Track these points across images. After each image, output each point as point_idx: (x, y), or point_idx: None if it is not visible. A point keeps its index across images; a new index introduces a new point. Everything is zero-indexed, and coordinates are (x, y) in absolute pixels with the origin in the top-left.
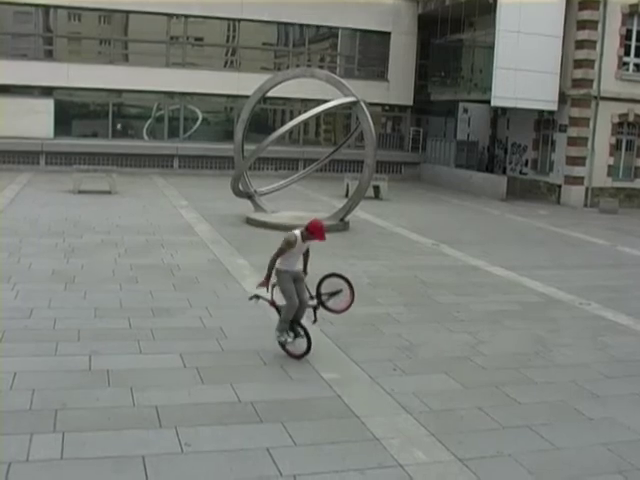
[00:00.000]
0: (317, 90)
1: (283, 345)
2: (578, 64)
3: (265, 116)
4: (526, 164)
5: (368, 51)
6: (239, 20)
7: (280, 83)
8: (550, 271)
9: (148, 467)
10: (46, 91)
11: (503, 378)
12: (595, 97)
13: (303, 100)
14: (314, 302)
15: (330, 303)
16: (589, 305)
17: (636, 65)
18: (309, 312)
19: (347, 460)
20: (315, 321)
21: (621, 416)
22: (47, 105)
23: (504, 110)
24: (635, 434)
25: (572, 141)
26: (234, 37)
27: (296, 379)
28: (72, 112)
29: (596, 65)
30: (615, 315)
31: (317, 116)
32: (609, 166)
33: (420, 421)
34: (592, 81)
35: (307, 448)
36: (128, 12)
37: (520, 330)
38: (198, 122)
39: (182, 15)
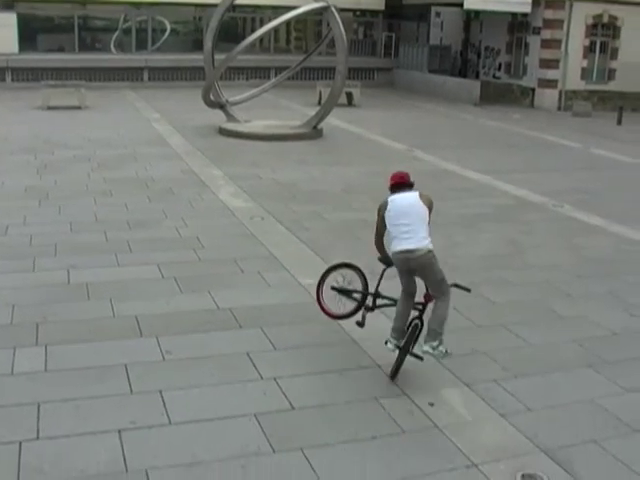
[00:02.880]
0: None
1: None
2: None
3: (235, 25)
4: (499, 68)
5: None
6: None
7: None
8: (524, 174)
9: (131, 375)
10: (8, 4)
11: (477, 279)
12: None
13: (273, 7)
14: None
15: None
16: (562, 207)
17: None
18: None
19: (326, 362)
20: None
21: (592, 314)
22: (10, 19)
23: (477, 13)
24: (604, 330)
25: (546, 44)
26: None
27: (274, 285)
28: (36, 26)
29: None
30: (588, 217)
31: (287, 23)
32: (583, 69)
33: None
34: None
35: (286, 352)
36: None
37: (494, 232)
38: (167, 33)
39: None
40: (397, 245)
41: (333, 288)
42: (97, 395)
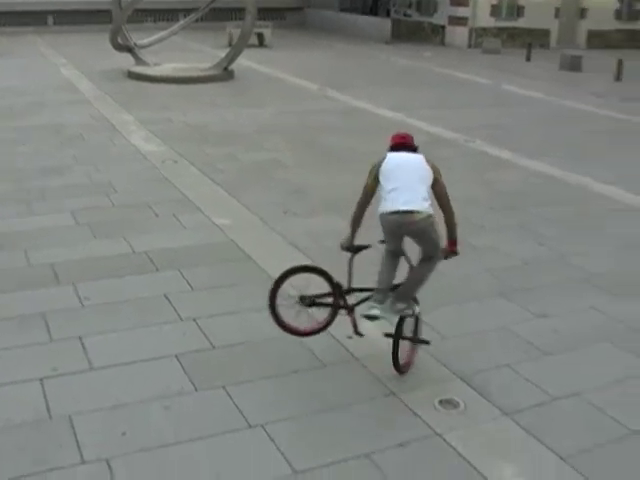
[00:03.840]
0: None
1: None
2: None
3: None
4: (410, 6)
5: None
6: None
7: None
8: (436, 111)
9: (50, 323)
10: None
11: None
12: None
13: None
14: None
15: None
16: (474, 142)
17: None
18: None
19: (244, 301)
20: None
21: (503, 245)
22: None
23: None
24: (515, 260)
25: None
26: None
27: (189, 227)
28: None
29: None
30: (499, 151)
31: None
32: (492, 6)
33: (313, 260)
34: None
35: (204, 292)
36: None
37: None
38: None
39: None
40: (392, 205)
41: (297, 299)
42: (16, 345)
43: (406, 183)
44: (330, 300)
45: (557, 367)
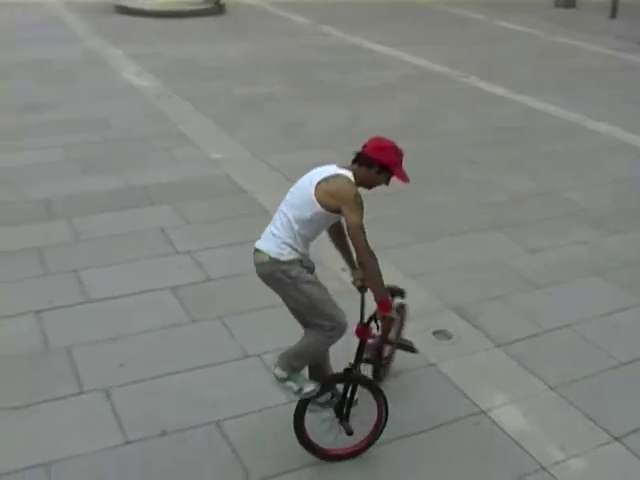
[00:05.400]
0: None
1: (302, 407)
2: None
3: None
4: None
5: None
6: None
7: None
8: (431, 46)
9: (45, 257)
10: None
11: None
12: None
13: None
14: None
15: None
16: (468, 78)
17: None
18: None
19: (239, 234)
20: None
21: (495, 178)
22: None
23: None
24: (507, 194)
25: None
26: None
27: (184, 161)
28: None
29: None
30: (493, 87)
31: None
32: None
33: None
34: None
35: (200, 225)
36: None
37: (401, 102)
38: None
39: None
40: None
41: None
42: (12, 279)
43: (279, 208)
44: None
45: (548, 300)
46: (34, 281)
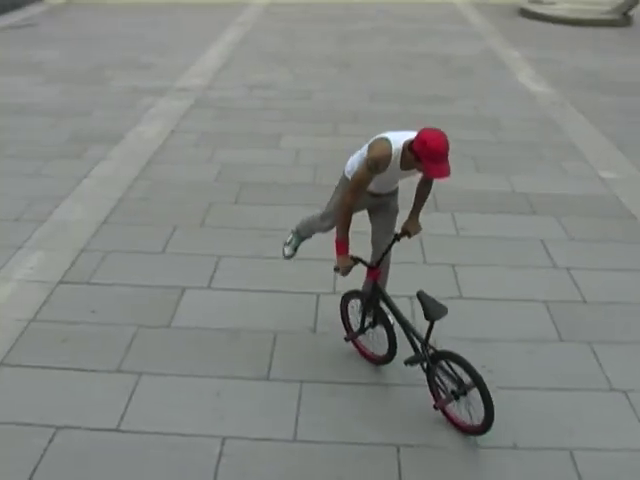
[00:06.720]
0: None
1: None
2: None
3: None
4: None
5: None
6: None
7: None
8: None
9: (425, 246)
10: None
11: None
12: None
13: None
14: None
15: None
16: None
17: None
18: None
19: (624, 260)
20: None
21: None
22: None
23: None
24: None
25: None
26: None
27: (572, 175)
28: None
29: None
30: None
31: None
32: None
33: None
34: None
35: (581, 243)
36: None
37: None
38: None
39: None
40: None
41: None
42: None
43: None
44: None
45: None
46: (412, 266)
